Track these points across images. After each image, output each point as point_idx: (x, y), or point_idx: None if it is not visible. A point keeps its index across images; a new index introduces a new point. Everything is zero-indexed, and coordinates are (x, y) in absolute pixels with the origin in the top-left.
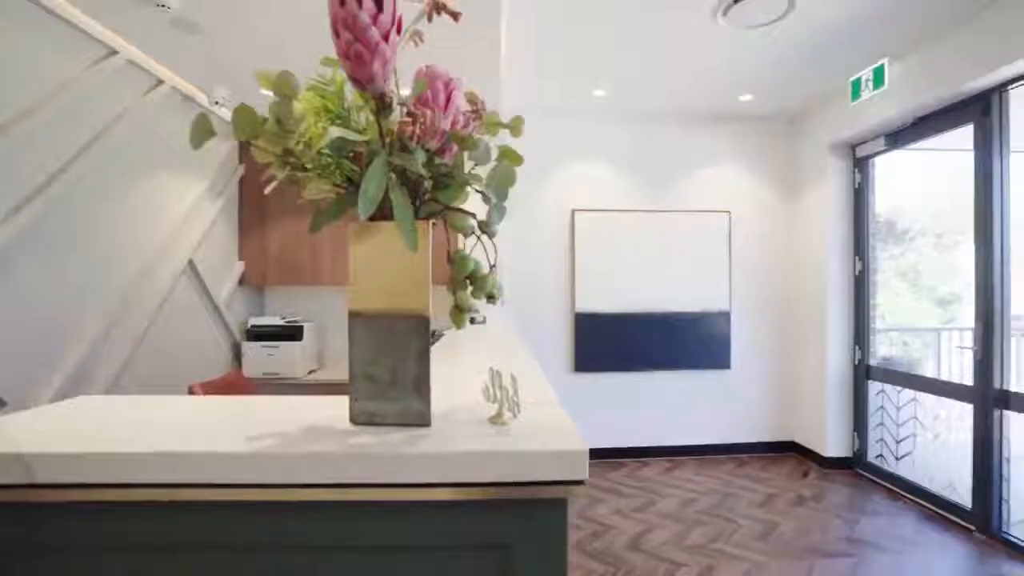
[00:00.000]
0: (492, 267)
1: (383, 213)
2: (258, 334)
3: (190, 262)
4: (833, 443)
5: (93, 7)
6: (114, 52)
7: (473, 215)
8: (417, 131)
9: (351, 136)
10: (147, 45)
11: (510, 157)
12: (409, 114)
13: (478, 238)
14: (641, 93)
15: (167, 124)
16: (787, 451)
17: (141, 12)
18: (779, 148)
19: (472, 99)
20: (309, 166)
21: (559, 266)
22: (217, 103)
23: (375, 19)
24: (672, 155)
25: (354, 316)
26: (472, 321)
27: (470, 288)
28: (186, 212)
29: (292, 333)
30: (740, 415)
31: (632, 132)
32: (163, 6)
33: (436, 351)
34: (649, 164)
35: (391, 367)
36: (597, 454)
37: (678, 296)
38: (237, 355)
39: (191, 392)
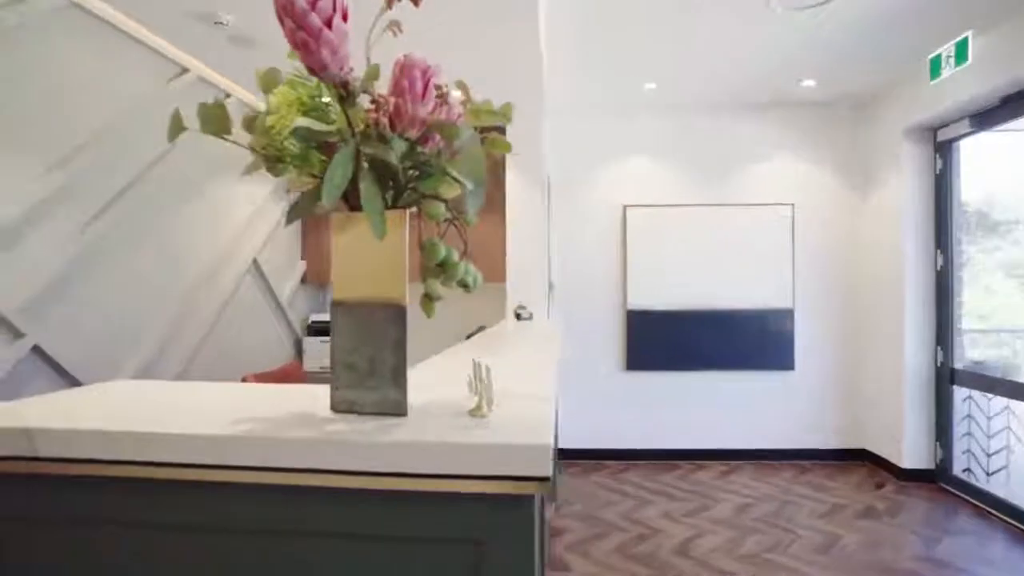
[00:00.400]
0: (464, 254)
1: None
2: (318, 329)
3: (254, 261)
4: (911, 453)
5: (163, 30)
6: (186, 70)
7: (446, 202)
8: (382, 118)
9: (316, 126)
10: (211, 62)
11: (497, 145)
12: (373, 101)
13: (454, 225)
14: (694, 84)
15: (233, 134)
16: (857, 459)
17: (202, 29)
18: (846, 135)
19: (462, 87)
20: (281, 157)
21: (611, 262)
22: None
23: (313, 5)
24: (729, 147)
25: (336, 305)
26: (519, 317)
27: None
28: (251, 215)
29: None
30: (804, 419)
31: (685, 125)
32: (221, 23)
33: (471, 344)
34: (704, 157)
35: (370, 356)
36: (648, 455)
37: (737, 293)
38: (299, 350)
39: (243, 381)
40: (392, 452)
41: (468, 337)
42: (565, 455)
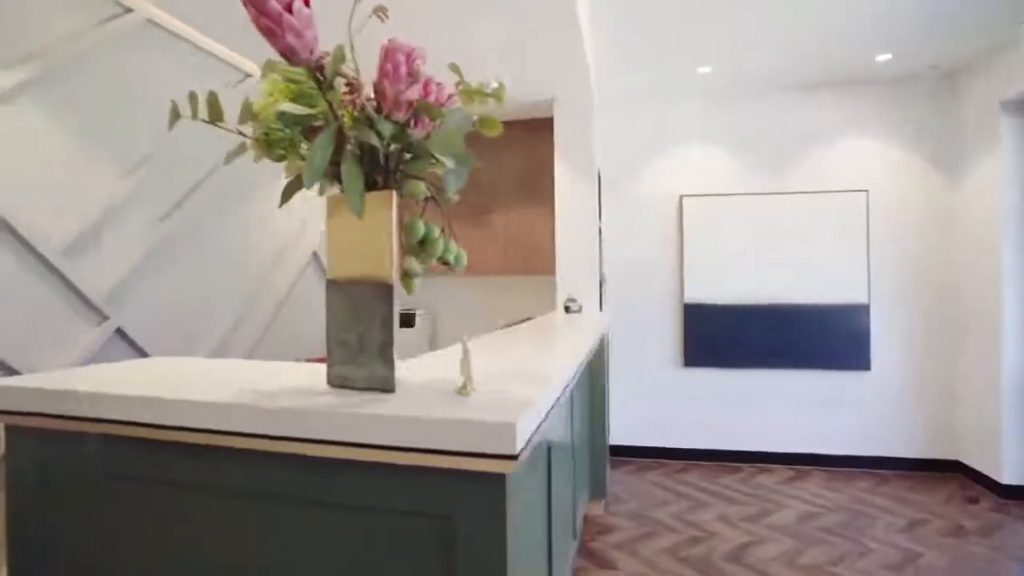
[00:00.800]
0: (443, 231)
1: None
2: None
3: (314, 254)
4: (1014, 467)
5: (226, 39)
6: (248, 75)
7: (422, 179)
8: (359, 101)
9: (297, 110)
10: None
11: (487, 125)
12: (347, 84)
13: (435, 202)
14: (753, 65)
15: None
16: (947, 471)
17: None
18: (929, 112)
19: (454, 69)
20: (270, 141)
21: (666, 255)
22: None
23: None
24: (793, 131)
25: (330, 284)
26: (567, 310)
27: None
28: (311, 209)
29: (406, 320)
30: (883, 423)
31: (744, 109)
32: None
33: (507, 332)
34: (766, 143)
35: (360, 333)
36: (708, 455)
37: (805, 287)
38: None
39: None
40: (359, 423)
41: (508, 326)
42: (619, 452)
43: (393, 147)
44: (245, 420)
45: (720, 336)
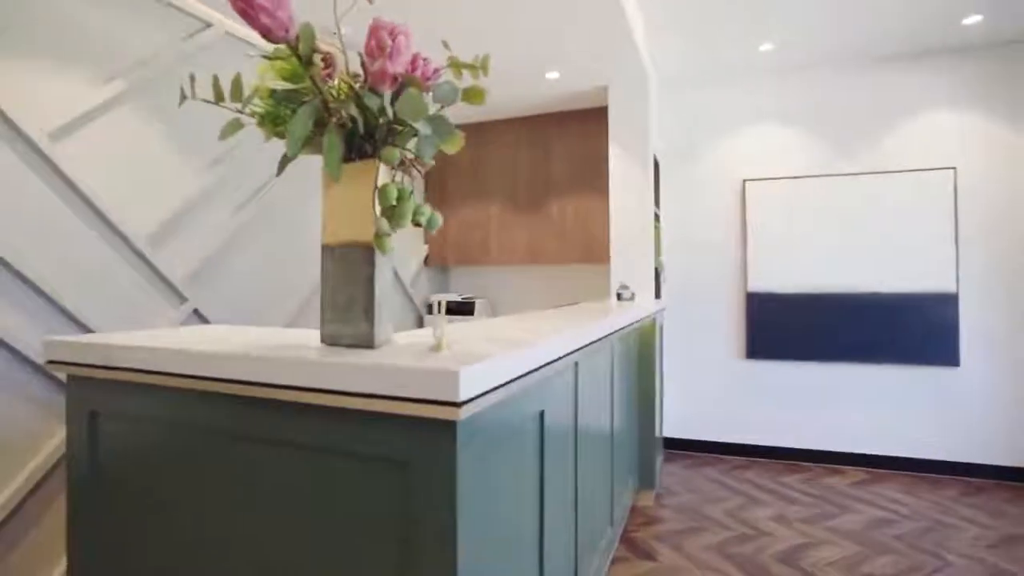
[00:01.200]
0: (411, 193)
1: (349, 158)
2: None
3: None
4: None
5: None
6: None
7: (400, 148)
8: (335, 75)
9: (282, 86)
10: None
11: (471, 95)
12: (322, 60)
13: (414, 167)
14: (820, 39)
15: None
16: None
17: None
18: None
19: (445, 45)
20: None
21: (728, 242)
22: None
23: None
24: (867, 107)
25: (324, 249)
26: (619, 297)
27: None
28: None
29: (466, 308)
30: (975, 427)
31: (811, 86)
32: (333, 32)
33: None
34: (837, 122)
35: (349, 294)
36: (772, 453)
37: (882, 274)
38: (420, 325)
39: None
40: (324, 371)
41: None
42: (676, 445)
43: (383, 119)
44: (232, 367)
45: (786, 327)
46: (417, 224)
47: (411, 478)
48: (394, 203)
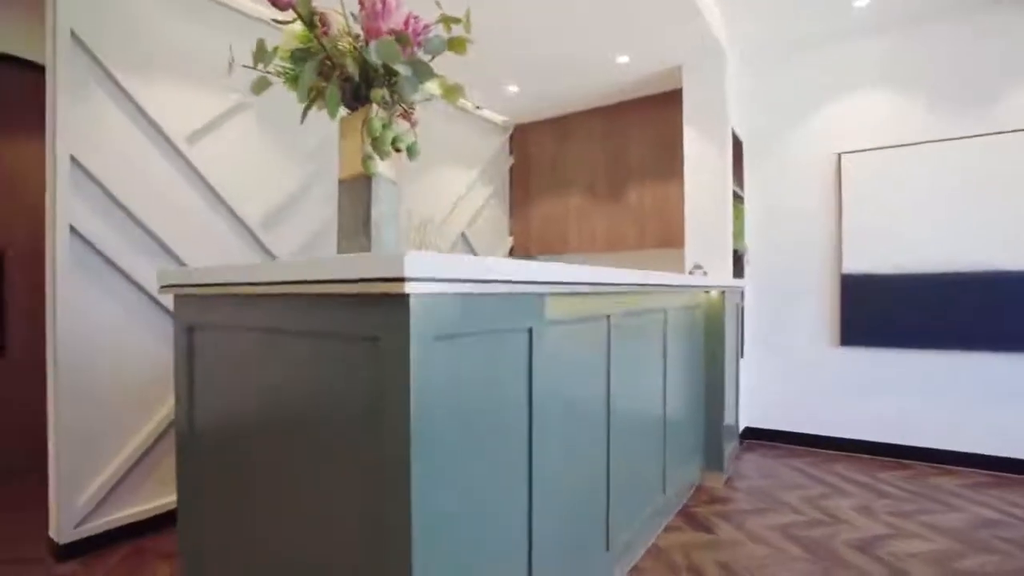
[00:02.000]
0: (385, 126)
1: (355, 106)
2: None
3: (462, 235)
4: None
5: None
6: None
7: (381, 89)
8: (330, 32)
9: (298, 46)
10: None
11: (455, 45)
12: (319, 20)
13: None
14: None
15: (442, 129)
16: None
17: None
18: None
19: (437, 4)
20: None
21: (822, 221)
22: (479, 107)
23: None
24: (980, 60)
25: (339, 184)
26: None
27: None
28: (458, 196)
29: None
30: None
31: (914, 43)
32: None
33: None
34: (949, 79)
35: (353, 217)
36: (866, 448)
37: (1006, 250)
38: None
39: None
40: (316, 266)
41: None
42: (761, 435)
43: (404, 74)
44: (264, 273)
45: (887, 311)
46: (397, 149)
47: (381, 350)
48: (377, 135)
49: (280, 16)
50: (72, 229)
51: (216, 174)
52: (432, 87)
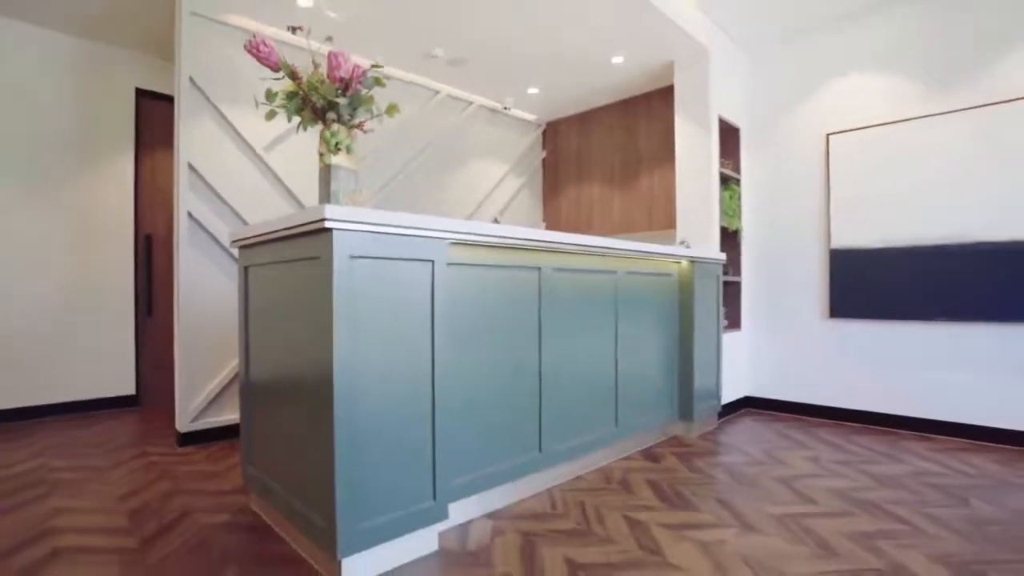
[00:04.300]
0: (332, 135)
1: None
2: None
3: (495, 219)
4: None
5: (416, 68)
6: (437, 92)
7: (336, 115)
8: (304, 81)
9: (289, 90)
10: (450, 80)
11: (379, 82)
12: (292, 74)
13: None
14: None
15: (475, 128)
16: None
17: (435, 63)
18: None
19: (377, 65)
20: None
21: (812, 199)
22: (506, 108)
23: (258, 49)
24: (969, 31)
25: (320, 171)
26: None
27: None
28: (491, 187)
29: None
30: None
31: (897, 20)
32: (434, 56)
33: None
34: (931, 54)
35: (324, 190)
36: (857, 417)
37: (983, 221)
38: None
39: None
40: (289, 218)
41: None
42: (758, 404)
43: (341, 103)
44: (267, 227)
45: (873, 284)
46: (338, 150)
47: (321, 263)
48: (328, 140)
49: (274, 75)
50: (189, 215)
51: (283, 172)
52: (373, 108)
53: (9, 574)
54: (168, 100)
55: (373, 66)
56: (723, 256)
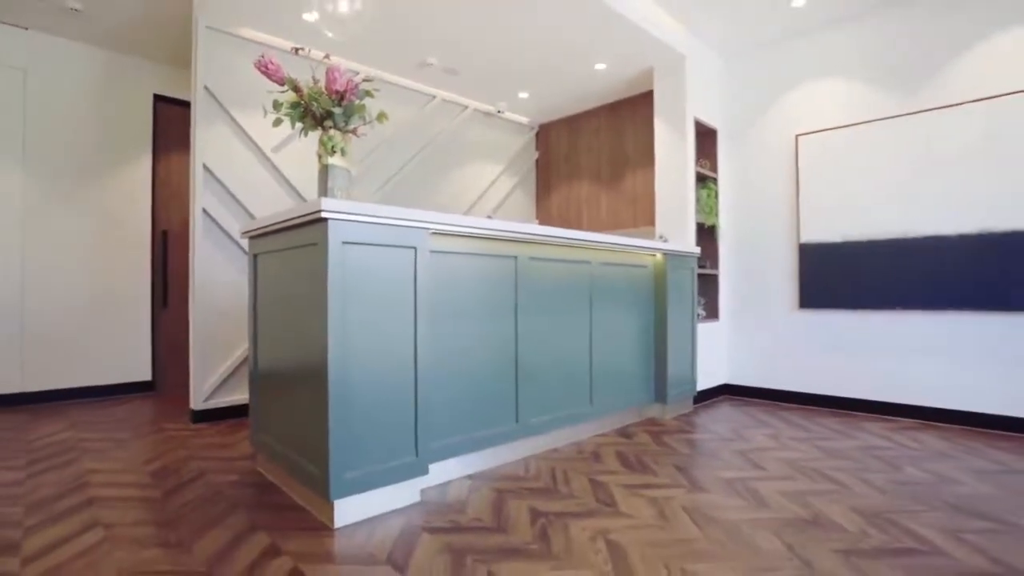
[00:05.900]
0: (329, 138)
1: (324, 130)
2: None
3: (488, 217)
4: None
5: (411, 75)
6: (433, 97)
7: (333, 123)
8: (305, 93)
9: (294, 100)
10: (447, 87)
11: (369, 92)
12: (294, 88)
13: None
14: None
15: (471, 130)
16: None
17: (431, 71)
18: None
19: (367, 78)
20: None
21: (781, 199)
22: (500, 112)
23: (267, 67)
24: (927, 38)
25: (320, 169)
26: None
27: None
28: (485, 186)
29: None
30: None
31: (858, 31)
32: (429, 64)
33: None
34: (891, 61)
35: (322, 187)
36: (825, 402)
37: (951, 215)
38: None
39: None
40: (290, 211)
41: None
42: (737, 392)
43: (337, 112)
44: (272, 219)
45: (838, 276)
46: (333, 152)
47: (318, 248)
48: (324, 143)
49: (280, 88)
50: (204, 211)
51: (289, 171)
52: (365, 116)
53: (58, 512)
54: (182, 104)
55: (364, 80)
56: (697, 250)
